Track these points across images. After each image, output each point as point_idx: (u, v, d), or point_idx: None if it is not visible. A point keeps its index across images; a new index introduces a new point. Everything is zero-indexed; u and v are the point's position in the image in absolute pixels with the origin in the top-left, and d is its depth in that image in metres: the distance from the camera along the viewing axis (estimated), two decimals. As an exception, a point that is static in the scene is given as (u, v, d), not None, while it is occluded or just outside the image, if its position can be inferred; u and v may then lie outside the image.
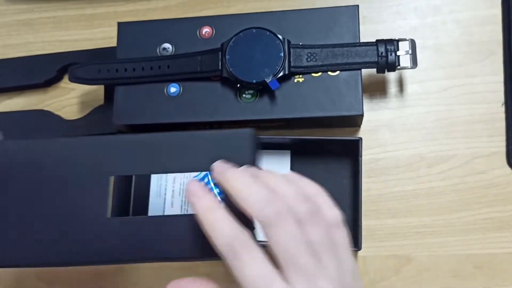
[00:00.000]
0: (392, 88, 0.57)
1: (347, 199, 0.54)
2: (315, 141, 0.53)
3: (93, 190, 0.42)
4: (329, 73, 0.51)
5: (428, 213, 0.54)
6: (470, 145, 0.55)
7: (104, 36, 0.64)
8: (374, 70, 0.52)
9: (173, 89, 0.54)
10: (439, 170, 0.55)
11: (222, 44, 0.53)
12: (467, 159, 0.55)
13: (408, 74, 0.57)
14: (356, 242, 0.50)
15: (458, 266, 0.53)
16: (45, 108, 0.62)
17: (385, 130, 0.57)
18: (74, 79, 0.56)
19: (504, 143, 0.55)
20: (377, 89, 0.57)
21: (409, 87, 0.57)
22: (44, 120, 0.61)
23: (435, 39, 0.58)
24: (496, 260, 0.53)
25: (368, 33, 0.57)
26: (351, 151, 0.53)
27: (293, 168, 0.55)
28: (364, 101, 0.52)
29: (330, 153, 0.55)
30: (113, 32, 0.58)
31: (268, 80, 0.50)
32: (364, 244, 0.53)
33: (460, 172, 0.55)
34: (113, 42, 0.60)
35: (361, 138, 0.51)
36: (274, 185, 0.35)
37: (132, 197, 0.57)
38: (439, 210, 0.54)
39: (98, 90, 0.62)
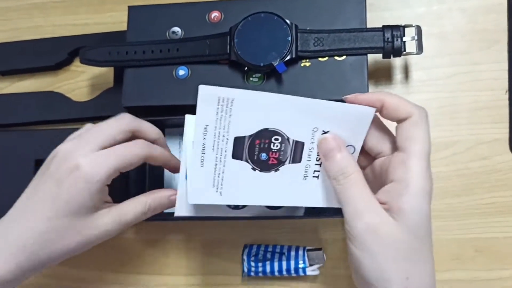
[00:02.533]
0: (398, 75, 0.58)
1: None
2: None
3: None
4: (336, 57, 0.52)
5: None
6: (473, 131, 0.56)
7: (114, 20, 0.65)
8: (380, 56, 0.53)
9: (181, 71, 0.55)
10: (443, 155, 0.56)
11: (230, 28, 0.53)
12: (471, 145, 0.56)
13: (413, 61, 0.58)
14: None
15: (459, 249, 0.54)
16: (56, 90, 0.64)
17: (389, 116, 0.57)
18: (85, 60, 0.57)
19: (507, 130, 0.56)
20: (383, 75, 0.58)
21: (414, 74, 0.58)
22: (55, 102, 0.62)
23: (440, 27, 0.59)
24: (497, 244, 0.54)
25: (374, 20, 0.57)
26: None
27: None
28: (369, 87, 0.52)
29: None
30: (123, 16, 0.59)
31: (275, 64, 0.51)
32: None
33: (464, 157, 0.56)
34: (122, 27, 0.61)
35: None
36: None
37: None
38: (441, 194, 0.55)
39: (107, 73, 0.63)
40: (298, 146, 0.41)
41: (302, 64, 0.53)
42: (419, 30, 0.52)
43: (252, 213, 0.49)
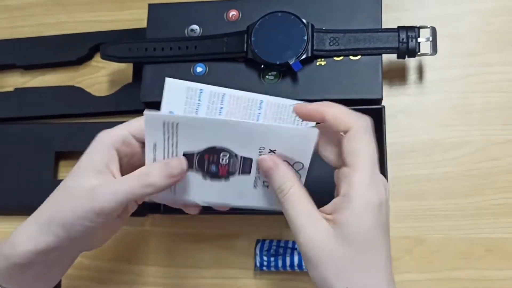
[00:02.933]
0: (412, 75, 0.59)
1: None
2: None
3: None
4: (351, 57, 0.53)
5: (441, 196, 0.56)
6: (485, 132, 0.57)
7: (133, 18, 0.67)
8: (394, 56, 0.54)
9: (199, 68, 0.56)
10: (454, 155, 0.57)
11: (248, 27, 0.55)
12: (482, 146, 0.57)
13: (427, 62, 0.59)
14: None
15: (469, 248, 0.55)
16: (76, 85, 0.65)
17: (402, 115, 0.58)
18: (105, 56, 0.59)
19: (519, 131, 0.56)
20: (397, 76, 0.59)
21: (428, 75, 0.59)
22: (75, 96, 0.64)
23: (454, 28, 0.59)
24: (507, 245, 0.54)
25: (389, 21, 0.58)
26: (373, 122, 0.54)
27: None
28: (383, 87, 0.53)
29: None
30: (143, 14, 0.60)
31: (291, 62, 0.52)
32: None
33: (475, 158, 0.56)
34: (142, 24, 0.62)
35: (384, 107, 0.53)
36: None
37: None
38: (452, 194, 0.56)
39: (126, 69, 0.64)
40: (247, 161, 0.42)
41: (317, 63, 0.54)
42: (434, 31, 0.53)
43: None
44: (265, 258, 0.56)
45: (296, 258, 0.55)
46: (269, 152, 0.41)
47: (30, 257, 0.43)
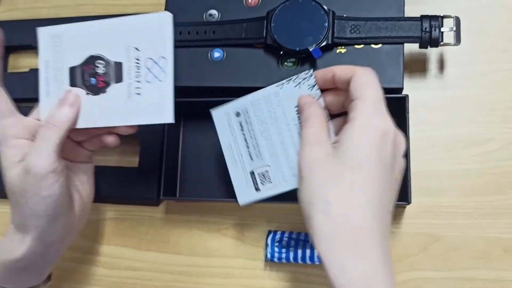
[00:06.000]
0: (433, 69, 0.58)
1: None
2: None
3: None
4: (372, 45, 0.52)
5: (460, 194, 0.55)
6: (508, 130, 0.55)
7: (151, 2, 0.66)
8: (415, 48, 0.53)
9: (217, 54, 0.55)
10: (475, 152, 0.55)
11: (267, 12, 0.53)
12: (504, 144, 0.55)
13: (449, 56, 0.57)
14: (406, 196, 0.50)
15: (486, 248, 0.53)
16: (92, 67, 0.65)
17: (423, 109, 0.57)
18: (123, 39, 0.58)
19: (543, 130, 0.55)
20: (418, 69, 0.58)
21: (450, 69, 0.57)
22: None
23: (480, 23, 0.58)
24: (526, 245, 0.53)
25: (412, 13, 0.56)
26: (396, 111, 0.53)
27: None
28: (404, 77, 0.52)
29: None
30: (161, -3, 0.59)
31: (311, 49, 0.51)
32: (393, 220, 0.54)
33: (496, 156, 0.55)
34: (159, 8, 0.61)
35: (407, 95, 0.51)
36: None
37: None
38: (471, 192, 0.55)
39: (143, 54, 0.64)
40: (118, 66, 0.47)
41: (337, 51, 0.52)
42: (457, 21, 0.52)
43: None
44: (276, 249, 0.55)
45: (308, 251, 0.54)
46: (135, 50, 0.46)
47: (23, 260, 0.47)
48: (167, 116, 0.46)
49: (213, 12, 0.57)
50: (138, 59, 0.47)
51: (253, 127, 0.49)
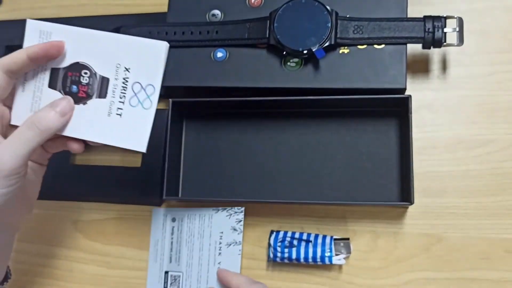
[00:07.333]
0: (435, 70, 0.58)
1: (394, 158, 0.56)
2: (364, 100, 0.54)
3: None
4: (375, 46, 0.52)
5: (462, 194, 0.55)
6: (510, 131, 0.55)
7: (153, 2, 0.66)
8: (418, 49, 0.53)
9: (219, 54, 0.55)
10: (477, 153, 0.55)
11: (270, 13, 0.54)
12: (506, 145, 0.55)
13: (452, 57, 0.57)
14: (408, 196, 0.51)
15: (488, 249, 0.53)
16: (94, 68, 0.65)
17: (425, 110, 0.57)
18: (125, 38, 0.58)
19: (545, 131, 0.55)
20: (420, 69, 0.58)
21: (452, 70, 0.57)
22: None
23: (482, 25, 0.58)
24: (529, 246, 0.53)
25: (415, 14, 0.56)
26: (398, 112, 0.54)
27: (340, 131, 0.57)
28: (407, 79, 0.52)
29: (377, 114, 0.56)
30: (163, -2, 0.60)
31: (314, 49, 0.51)
32: (395, 220, 0.54)
33: (498, 157, 0.55)
34: (162, 9, 0.61)
35: (410, 96, 0.52)
36: None
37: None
38: (473, 192, 0.55)
39: (146, 54, 0.64)
40: (104, 82, 0.46)
41: (340, 51, 0.53)
42: (460, 21, 0.52)
43: None
44: (279, 249, 0.55)
45: (310, 251, 0.54)
46: (125, 70, 0.46)
47: None
48: (141, 145, 0.46)
49: (216, 12, 0.57)
50: (126, 80, 0.46)
51: (182, 235, 0.57)
